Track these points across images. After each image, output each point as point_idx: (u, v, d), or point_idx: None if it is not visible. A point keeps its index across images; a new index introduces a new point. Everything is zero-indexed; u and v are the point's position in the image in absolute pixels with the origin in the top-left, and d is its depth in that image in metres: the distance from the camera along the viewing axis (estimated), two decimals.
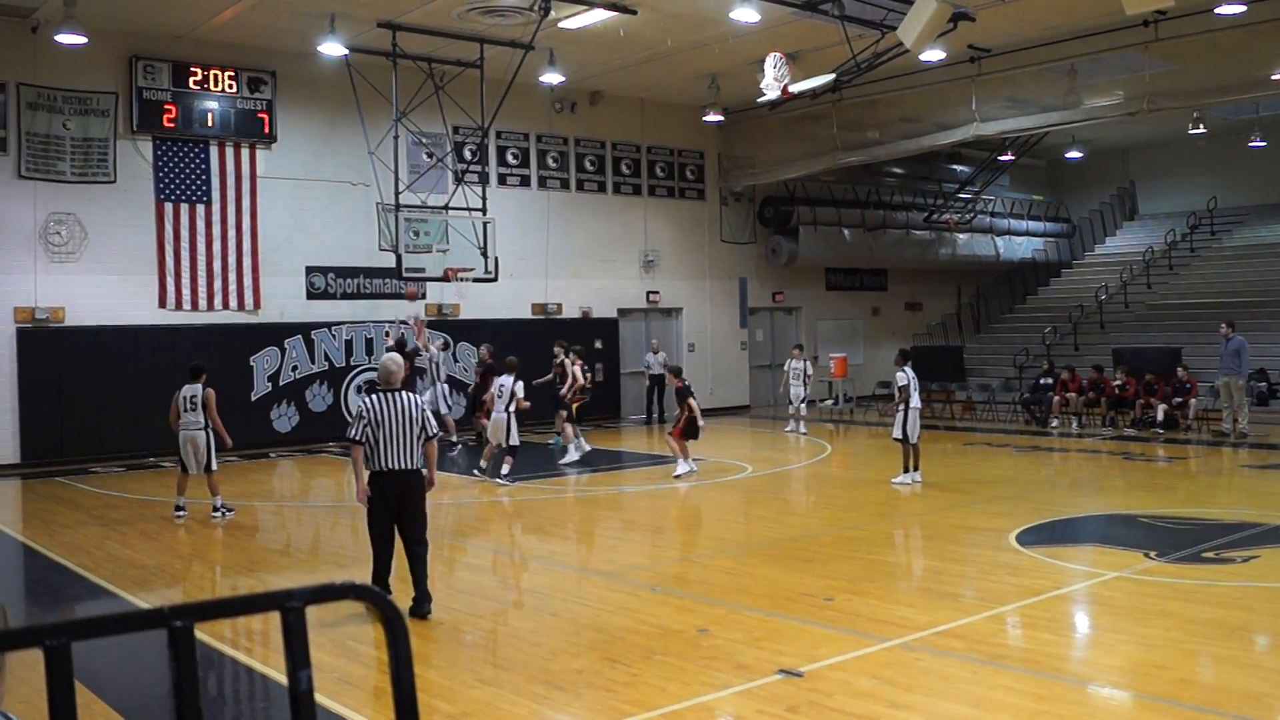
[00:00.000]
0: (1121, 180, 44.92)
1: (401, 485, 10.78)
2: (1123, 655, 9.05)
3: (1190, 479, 20.45)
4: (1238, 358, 24.73)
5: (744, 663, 8.93)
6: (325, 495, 20.85)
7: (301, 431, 26.76)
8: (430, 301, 28.87)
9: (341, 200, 27.44)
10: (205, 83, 25.49)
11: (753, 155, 34.61)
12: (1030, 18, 24.74)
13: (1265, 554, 12.70)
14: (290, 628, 2.14)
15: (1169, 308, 35.00)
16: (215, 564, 13.97)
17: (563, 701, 8.27)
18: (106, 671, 8.82)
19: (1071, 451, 23.95)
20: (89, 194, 24.25)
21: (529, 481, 20.11)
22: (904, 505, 17.44)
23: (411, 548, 10.81)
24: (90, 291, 24.18)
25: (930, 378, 33.63)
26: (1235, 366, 24.76)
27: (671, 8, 23.70)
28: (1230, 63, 24.91)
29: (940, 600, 11.04)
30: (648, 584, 12.10)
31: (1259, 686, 8.16)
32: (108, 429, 24.26)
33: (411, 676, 2.33)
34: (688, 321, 34.66)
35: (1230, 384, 24.87)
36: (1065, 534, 14.79)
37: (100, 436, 24.20)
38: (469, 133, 27.75)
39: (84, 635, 1.98)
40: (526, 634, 10.10)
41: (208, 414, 17.43)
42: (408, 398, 10.95)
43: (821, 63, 25.20)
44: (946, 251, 40.62)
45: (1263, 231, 38.41)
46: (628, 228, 33.22)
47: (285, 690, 2.14)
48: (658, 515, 17.32)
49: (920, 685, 8.35)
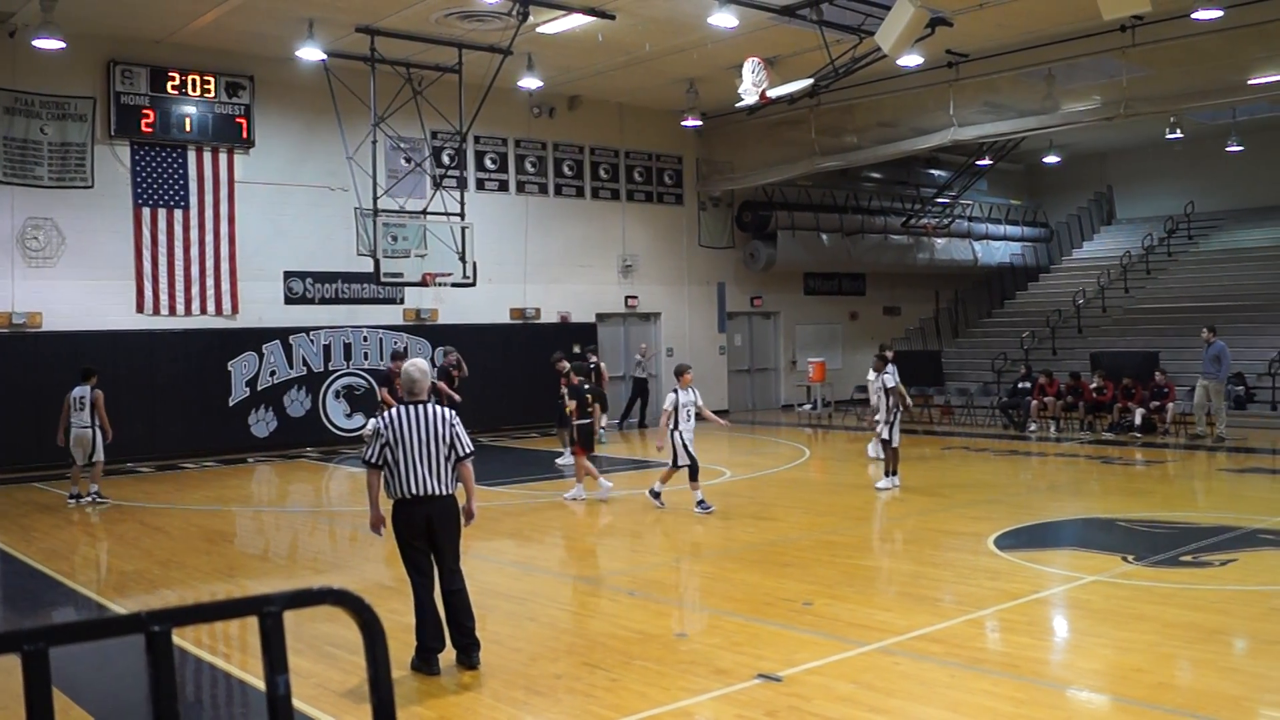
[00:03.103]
0: (1099, 185, 45.11)
1: (429, 514, 9.13)
2: (1101, 659, 9.07)
3: (1168, 483, 20.50)
4: (1218, 363, 24.82)
5: (723, 667, 8.93)
6: (304, 500, 20.82)
7: (280, 437, 26.71)
8: (409, 306, 28.85)
9: (320, 205, 27.39)
10: (183, 88, 25.43)
11: (731, 160, 34.64)
12: (1008, 23, 24.80)
13: (1243, 557, 12.74)
14: (268, 633, 2.14)
15: (1146, 312, 35.13)
16: (193, 569, 13.92)
17: (542, 707, 8.26)
18: (84, 677, 8.79)
19: (1049, 455, 24.00)
20: (66, 199, 24.17)
21: (506, 486, 20.09)
22: (883, 510, 17.46)
23: (444, 592, 9.26)
24: (68, 296, 24.10)
25: (909, 382, 33.68)
26: (1215, 371, 24.86)
27: (650, 13, 23.71)
28: (1207, 68, 25.00)
29: (919, 604, 11.05)
30: (626, 589, 12.10)
31: (1237, 690, 8.18)
32: None
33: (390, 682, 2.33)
34: (666, 326, 34.66)
35: (1209, 388, 24.97)
36: (1043, 538, 14.81)
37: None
38: (447, 138, 27.75)
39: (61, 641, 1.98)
40: (505, 639, 10.07)
41: (96, 414, 18.86)
42: (435, 411, 9.29)
43: (799, 68, 25.24)
44: (925, 256, 40.69)
45: (1239, 236, 38.62)
46: (606, 232, 33.22)
47: (263, 696, 2.13)
48: (636, 520, 17.30)
49: (899, 689, 8.36)
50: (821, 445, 27.39)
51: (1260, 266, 35.64)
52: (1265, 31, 23.51)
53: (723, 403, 35.46)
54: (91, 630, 2.04)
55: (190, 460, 24.72)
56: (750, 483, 20.94)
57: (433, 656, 9.06)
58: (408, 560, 9.28)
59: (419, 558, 9.22)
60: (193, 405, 25.52)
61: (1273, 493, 18.72)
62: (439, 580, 9.27)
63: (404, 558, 9.31)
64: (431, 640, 9.10)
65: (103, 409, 18.92)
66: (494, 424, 27.99)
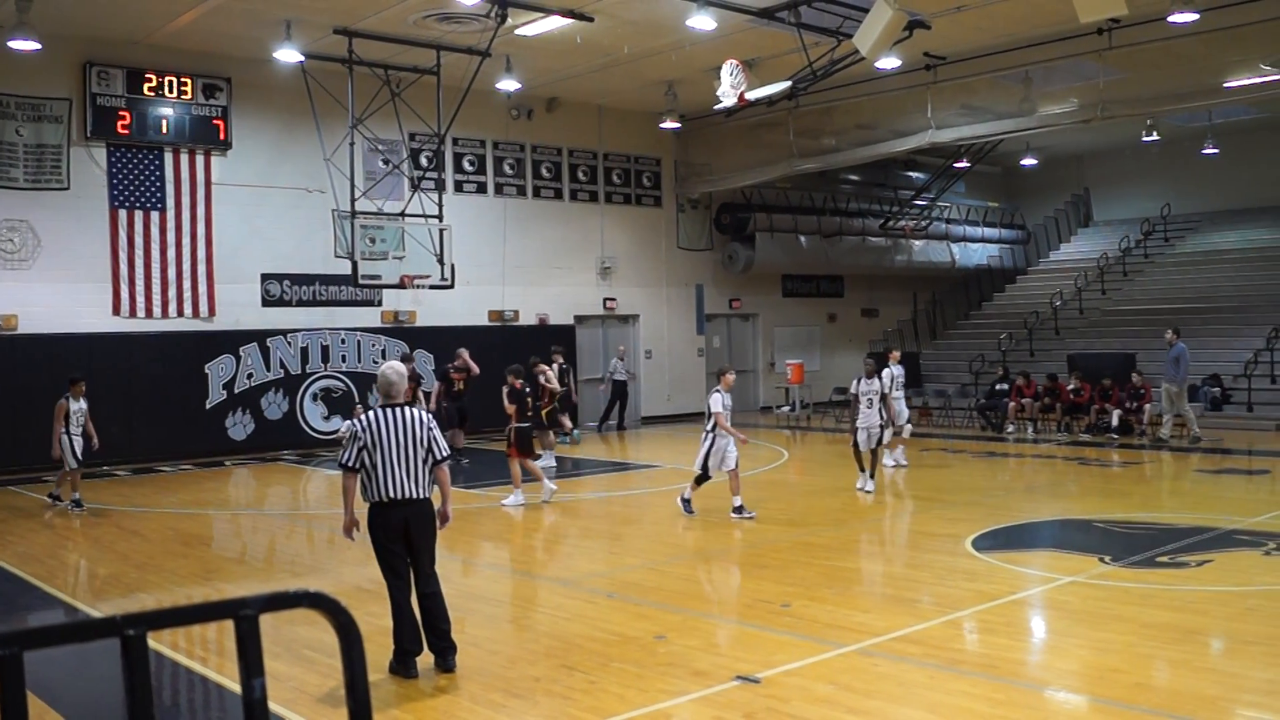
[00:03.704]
0: (1076, 187, 45.26)
1: (406, 517, 9.13)
2: (1078, 659, 9.10)
3: (1145, 484, 20.56)
4: (1176, 365, 24.95)
5: (701, 669, 8.93)
6: (281, 504, 20.77)
7: (257, 440, 26.64)
8: (386, 309, 28.81)
9: (297, 207, 27.33)
10: (160, 89, 25.34)
11: (709, 162, 34.67)
12: (985, 26, 24.88)
13: (1219, 558, 12.78)
14: (244, 636, 2.13)
15: (1123, 314, 35.24)
16: (169, 573, 13.87)
17: (520, 709, 8.24)
18: (59, 681, 8.75)
19: (1027, 457, 24.06)
20: (42, 201, 24.07)
21: (484, 489, 20.07)
22: (861, 511, 17.47)
23: (420, 595, 9.25)
24: (43, 299, 24.00)
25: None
26: (1173, 373, 24.98)
27: (628, 15, 23.72)
28: (1183, 71, 25.12)
29: (897, 606, 11.07)
30: (605, 591, 12.10)
31: (1213, 690, 8.21)
32: None
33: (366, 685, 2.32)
34: (645, 328, 34.67)
35: (1170, 391, 25.08)
36: (1021, 539, 14.85)
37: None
38: (425, 139, 27.74)
39: (37, 644, 1.97)
40: (484, 641, 10.07)
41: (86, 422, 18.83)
42: (412, 414, 9.30)
43: (778, 70, 25.29)
44: (903, 258, 40.77)
45: (1215, 238, 38.79)
46: (585, 234, 33.20)
47: (240, 699, 2.13)
48: (615, 522, 17.31)
49: (877, 691, 8.36)
50: (800, 447, 27.42)
51: (1236, 268, 35.83)
52: (1241, 35, 23.63)
53: (701, 405, 35.42)
54: (67, 634, 2.03)
55: (167, 463, 24.64)
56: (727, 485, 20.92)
57: (410, 659, 9.05)
58: (384, 563, 9.24)
59: (395, 561, 9.19)
60: (170, 408, 25.44)
61: (1248, 494, 18.78)
62: (415, 583, 9.25)
63: (380, 561, 9.27)
64: (409, 643, 9.08)
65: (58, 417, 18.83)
66: (472, 426, 27.92)
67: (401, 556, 9.20)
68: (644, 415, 33.91)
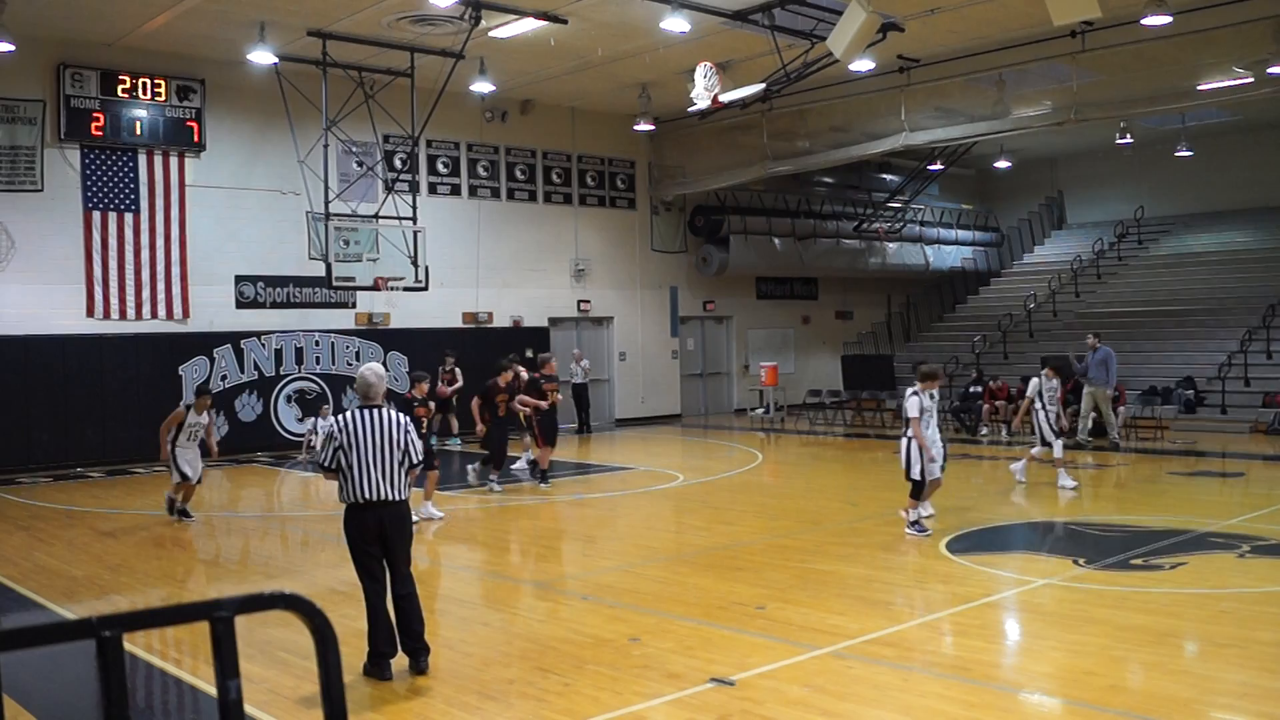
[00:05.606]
0: (1050, 189, 45.44)
1: (382, 519, 9.08)
2: (1052, 662, 9.13)
3: (1118, 486, 20.63)
4: (1104, 368, 25.13)
5: (675, 671, 8.94)
6: (255, 505, 20.71)
7: (231, 441, 26.46)
8: (361, 311, 28.77)
9: (271, 209, 27.27)
10: (134, 91, 25.26)
11: (683, 164, 34.70)
12: (959, 28, 24.97)
13: (1193, 560, 12.83)
14: (219, 638, 2.13)
15: (1097, 316, 35.34)
16: (144, 575, 13.82)
17: (494, 711, 8.24)
18: (33, 683, 8.71)
19: (1001, 459, 24.09)
20: (16, 203, 23.97)
21: (459, 491, 20.06)
22: (835, 514, 17.51)
23: (395, 596, 9.19)
24: (17, 301, 23.91)
25: (860, 386, 33.91)
26: (1103, 377, 25.14)
27: (602, 17, 23.72)
28: (1157, 73, 25.24)
29: (871, 608, 11.08)
30: (579, 593, 12.10)
31: (1187, 692, 8.24)
32: (35, 439, 24.02)
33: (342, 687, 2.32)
34: (619, 330, 34.68)
35: (1096, 394, 25.25)
36: (995, 541, 14.88)
37: (27, 446, 23.94)
38: (399, 141, 27.72)
39: (11, 646, 1.96)
40: (457, 644, 10.06)
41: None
42: (389, 415, 9.27)
43: (751, 72, 25.36)
44: (876, 260, 40.86)
45: (1189, 241, 39.00)
46: (558, 237, 33.21)
47: (215, 701, 2.12)
48: (588, 524, 17.30)
49: (851, 693, 8.38)
50: (774, 449, 27.45)
51: (1209, 271, 36.01)
52: (1214, 38, 23.76)
53: (675, 407, 35.53)
54: (41, 636, 2.03)
55: (141, 465, 24.54)
56: (703, 487, 20.96)
57: (385, 661, 9.03)
58: (359, 565, 9.22)
59: (371, 563, 9.16)
60: (144, 410, 25.30)
61: (1222, 496, 18.86)
62: (391, 585, 9.21)
63: (356, 562, 9.26)
64: (384, 645, 9.06)
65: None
66: (446, 428, 27.87)
67: (377, 558, 9.16)
68: (618, 418, 33.93)
